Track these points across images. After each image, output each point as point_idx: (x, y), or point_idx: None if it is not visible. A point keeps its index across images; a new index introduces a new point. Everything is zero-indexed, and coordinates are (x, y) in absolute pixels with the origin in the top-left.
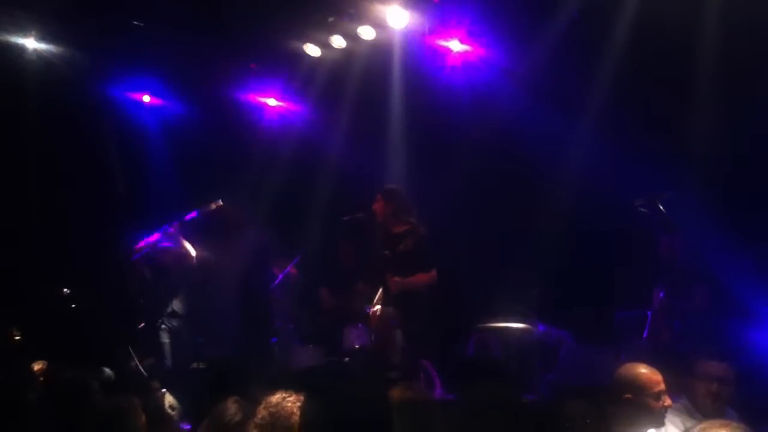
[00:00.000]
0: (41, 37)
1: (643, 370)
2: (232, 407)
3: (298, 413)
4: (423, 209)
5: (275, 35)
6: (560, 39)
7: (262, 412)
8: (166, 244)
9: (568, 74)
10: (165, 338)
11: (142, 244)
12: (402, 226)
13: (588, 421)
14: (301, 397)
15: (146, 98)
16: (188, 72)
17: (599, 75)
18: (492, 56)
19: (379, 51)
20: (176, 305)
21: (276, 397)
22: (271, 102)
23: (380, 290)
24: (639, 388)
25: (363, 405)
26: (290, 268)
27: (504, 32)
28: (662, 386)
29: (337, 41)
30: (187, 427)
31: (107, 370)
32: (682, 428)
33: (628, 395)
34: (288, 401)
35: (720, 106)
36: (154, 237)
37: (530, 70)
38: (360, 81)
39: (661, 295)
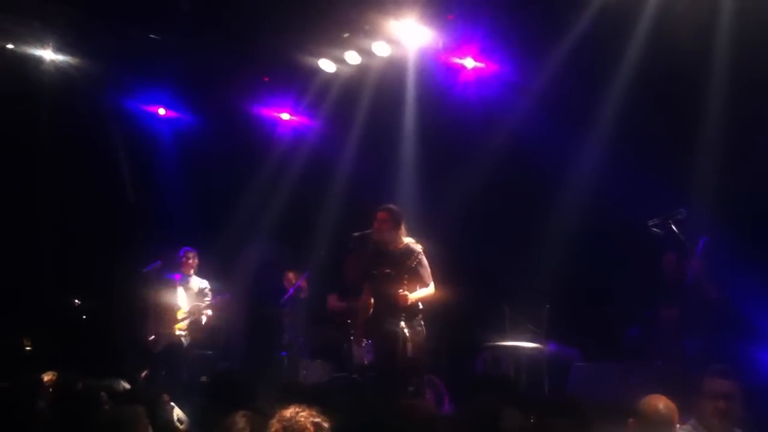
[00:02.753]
0: (58, 49)
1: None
2: (240, 421)
3: (312, 428)
4: (434, 224)
5: (290, 50)
6: (572, 55)
7: (275, 426)
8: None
9: (580, 90)
10: (175, 350)
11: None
12: (401, 242)
13: None
14: (314, 412)
15: (161, 111)
16: (203, 85)
17: (611, 91)
18: (505, 72)
19: (393, 67)
20: None
21: (289, 411)
22: (285, 116)
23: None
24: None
25: (378, 420)
26: (300, 283)
27: (517, 48)
28: None
29: (352, 57)
30: None
31: (116, 382)
32: None
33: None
34: (301, 416)
35: (732, 124)
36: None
37: (543, 86)
38: (374, 96)
39: (671, 313)
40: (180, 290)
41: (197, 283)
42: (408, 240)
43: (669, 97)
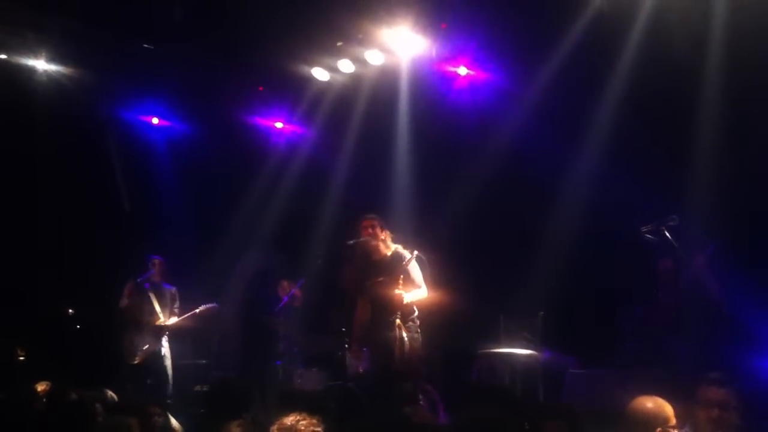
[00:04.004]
0: (51, 59)
1: (664, 402)
2: (235, 431)
3: None
4: (428, 232)
5: (284, 59)
6: (567, 63)
7: None
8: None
9: (574, 98)
10: (168, 360)
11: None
12: (389, 249)
13: None
14: (315, 421)
15: (155, 120)
16: (197, 94)
17: (605, 99)
18: (498, 80)
19: (387, 75)
20: None
21: (290, 419)
22: (279, 125)
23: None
24: (665, 420)
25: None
26: (295, 291)
27: (511, 57)
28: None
29: (345, 66)
30: None
31: (110, 391)
32: None
33: (658, 429)
34: (302, 424)
35: (725, 131)
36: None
37: (537, 94)
38: (367, 105)
39: (667, 316)
40: (154, 298)
41: (167, 288)
42: (395, 246)
43: (663, 105)
